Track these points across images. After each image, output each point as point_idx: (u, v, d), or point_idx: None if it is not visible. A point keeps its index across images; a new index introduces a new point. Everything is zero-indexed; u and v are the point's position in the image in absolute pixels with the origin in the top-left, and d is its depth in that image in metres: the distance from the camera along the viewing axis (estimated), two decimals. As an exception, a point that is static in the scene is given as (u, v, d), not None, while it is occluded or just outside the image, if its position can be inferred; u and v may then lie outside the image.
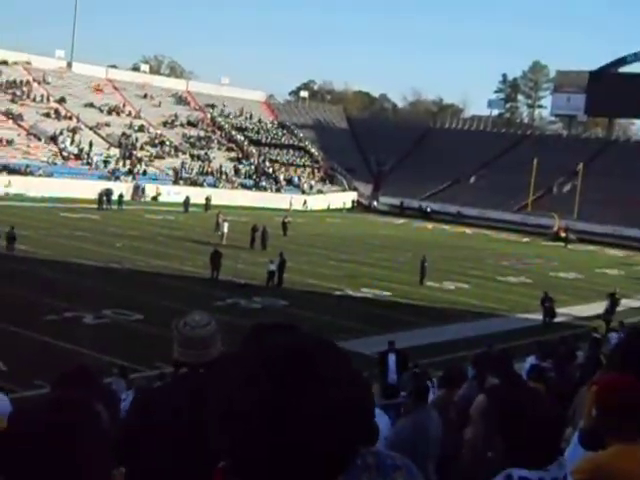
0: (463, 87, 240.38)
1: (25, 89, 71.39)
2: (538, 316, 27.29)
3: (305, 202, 69.30)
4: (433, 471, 6.40)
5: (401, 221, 66.79)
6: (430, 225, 65.00)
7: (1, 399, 5.38)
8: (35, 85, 73.23)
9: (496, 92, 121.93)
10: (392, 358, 16.37)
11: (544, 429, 1.98)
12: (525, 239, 60.50)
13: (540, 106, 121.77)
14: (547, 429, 1.98)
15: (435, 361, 18.50)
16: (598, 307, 28.56)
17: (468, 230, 63.26)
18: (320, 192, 75.05)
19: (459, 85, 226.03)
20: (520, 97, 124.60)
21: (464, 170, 78.84)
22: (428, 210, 72.22)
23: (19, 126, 64.50)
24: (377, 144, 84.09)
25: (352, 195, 77.47)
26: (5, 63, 73.86)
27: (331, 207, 71.43)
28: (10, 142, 60.01)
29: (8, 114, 65.25)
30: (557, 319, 27.09)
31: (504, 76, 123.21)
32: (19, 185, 52.88)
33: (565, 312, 28.51)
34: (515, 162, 75.67)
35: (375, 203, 77.18)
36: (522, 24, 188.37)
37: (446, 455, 6.35)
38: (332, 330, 22.13)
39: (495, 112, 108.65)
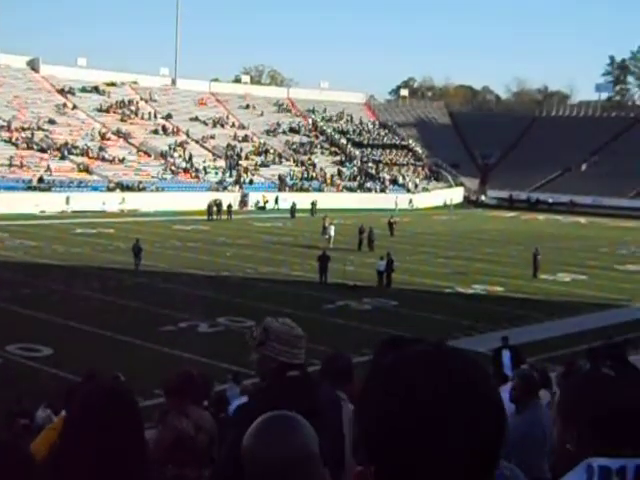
0: (569, 73, 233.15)
1: (133, 108, 73.97)
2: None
3: (411, 201, 68.83)
4: (547, 469, 6.15)
5: (511, 214, 65.40)
6: (541, 216, 63.36)
7: None
8: (142, 103, 75.75)
9: (604, 75, 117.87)
10: (506, 354, 15.93)
11: (624, 418, 1.81)
12: (644, 225, 58.08)
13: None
14: (628, 419, 1.82)
15: (552, 356, 17.96)
16: None
17: (582, 219, 61.31)
18: (425, 190, 74.37)
19: (564, 71, 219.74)
20: (630, 79, 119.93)
21: (574, 158, 76.46)
22: (535, 200, 70.46)
23: (129, 144, 66.85)
24: (481, 137, 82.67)
25: (458, 191, 76.39)
26: (114, 84, 76.75)
27: (438, 204, 70.65)
28: (122, 160, 62.25)
29: (119, 133, 67.74)
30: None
31: (611, 58, 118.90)
32: (133, 201, 54.82)
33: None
34: (628, 146, 72.88)
35: (483, 197, 75.89)
36: (628, 3, 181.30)
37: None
38: (445, 328, 21.87)
39: (604, 96, 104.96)
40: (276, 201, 60.95)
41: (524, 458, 5.94)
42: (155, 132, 70.74)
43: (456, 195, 74.69)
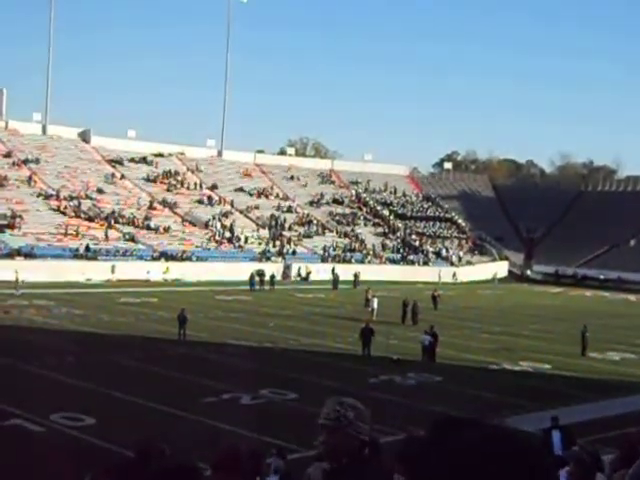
0: (615, 147, 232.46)
1: (179, 178, 75.33)
2: None
3: (454, 274, 68.35)
4: None
5: (557, 289, 64.52)
6: (589, 292, 62.38)
7: None
8: (189, 174, 77.15)
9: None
10: (556, 435, 15.44)
11: None
12: (694, 303, 56.79)
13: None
14: None
15: (603, 437, 17.36)
16: None
17: (631, 297, 60.18)
18: (469, 263, 73.89)
19: (611, 145, 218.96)
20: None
21: (622, 234, 75.53)
22: (580, 277, 69.58)
23: (175, 213, 67.86)
24: (526, 211, 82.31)
25: (503, 265, 75.72)
26: (161, 155, 78.41)
27: (482, 278, 70.03)
28: (167, 229, 63.11)
29: (164, 203, 68.85)
30: None
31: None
32: (176, 270, 55.31)
33: None
34: (677, 222, 71.83)
35: (528, 272, 75.10)
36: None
37: None
38: (491, 406, 21.35)
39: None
40: (307, 275, 60.88)
41: None
42: (200, 202, 71.78)
43: (501, 269, 74.04)
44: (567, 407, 21.55)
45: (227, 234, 65.74)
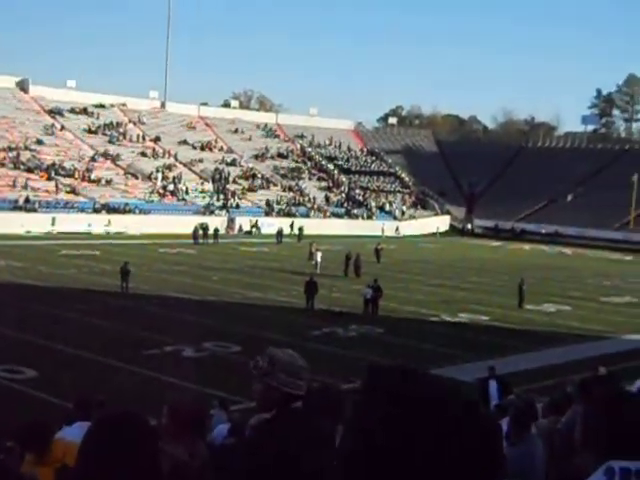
0: (555, 105, 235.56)
1: (121, 130, 74.03)
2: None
3: (397, 228, 69.04)
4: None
5: (496, 243, 65.71)
6: (527, 246, 63.67)
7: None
8: (131, 126, 75.86)
9: (590, 108, 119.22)
10: (493, 385, 15.91)
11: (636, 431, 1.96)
12: (628, 257, 58.47)
13: (637, 120, 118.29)
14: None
15: (538, 387, 17.94)
16: None
17: (567, 250, 61.67)
18: (412, 217, 74.67)
19: (551, 103, 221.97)
20: (616, 112, 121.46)
21: (560, 189, 77.06)
22: (519, 231, 71.03)
23: (117, 166, 66.81)
24: (468, 166, 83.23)
25: (445, 219, 76.71)
26: (102, 106, 76.84)
27: (424, 232, 70.88)
28: (109, 182, 62.17)
29: (106, 155, 67.69)
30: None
31: (598, 91, 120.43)
32: (118, 223, 54.68)
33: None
34: (614, 178, 73.50)
35: (469, 226, 76.24)
36: (615, 37, 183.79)
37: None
38: (430, 357, 21.85)
39: (590, 128, 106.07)
40: (256, 226, 60.92)
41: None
42: (143, 154, 70.77)
43: (442, 223, 75.02)
44: (504, 358, 22.16)
45: (170, 187, 65.08)
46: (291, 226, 59.26)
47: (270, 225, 60.30)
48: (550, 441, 8.32)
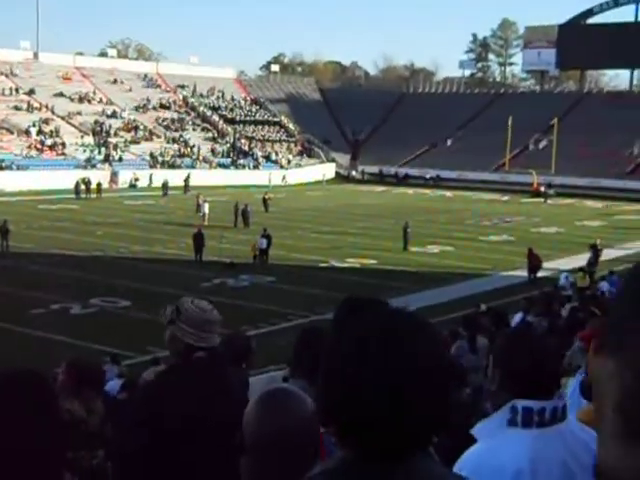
0: (434, 50, 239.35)
1: (-8, 83, 70.55)
2: (523, 272, 27.51)
3: (284, 177, 69.16)
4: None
5: (381, 189, 66.89)
6: (410, 191, 65.12)
7: None
8: (2, 78, 72.36)
9: (467, 52, 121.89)
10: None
11: (542, 361, 2.17)
12: (505, 198, 60.77)
13: (511, 64, 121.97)
14: (545, 361, 2.18)
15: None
16: (581, 259, 28.84)
17: (448, 193, 63.46)
18: (298, 166, 74.92)
19: (430, 48, 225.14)
20: (491, 56, 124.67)
21: (440, 133, 78.93)
22: (402, 176, 72.60)
23: (-10, 121, 63.79)
24: (351, 113, 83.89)
25: (331, 167, 77.34)
26: (-31, 58, 72.89)
27: (310, 180, 71.34)
28: (-18, 138, 59.39)
29: (-23, 110, 64.51)
30: (542, 273, 27.28)
31: (474, 36, 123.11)
32: (-5, 181, 52.44)
33: (549, 267, 28.72)
34: (490, 122, 75.80)
35: (354, 173, 77.19)
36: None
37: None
38: (321, 302, 22.30)
39: (467, 73, 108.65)
40: (135, 182, 59.59)
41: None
42: (17, 108, 67.77)
43: (328, 171, 75.62)
44: (392, 299, 22.68)
45: (49, 142, 62.78)
46: (186, 180, 57.70)
47: (153, 178, 59.06)
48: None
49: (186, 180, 57.23)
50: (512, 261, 29.78)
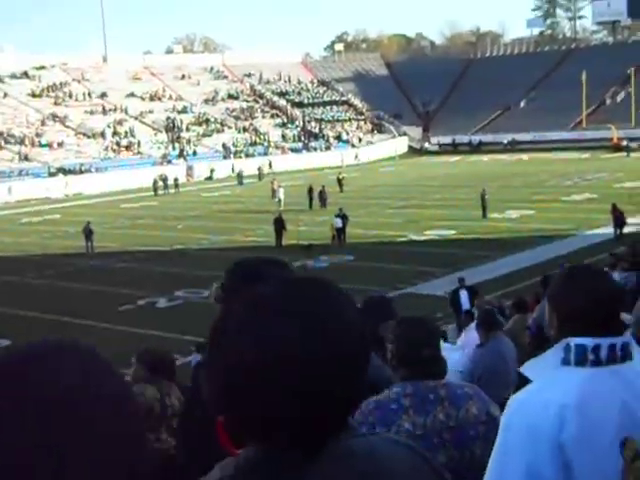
0: (499, 12, 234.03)
1: (66, 90, 72.44)
2: (608, 230, 26.72)
3: (356, 156, 68.93)
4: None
5: (455, 158, 65.99)
6: (485, 158, 64.05)
7: None
8: (75, 84, 74.24)
9: (534, 10, 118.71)
10: (464, 294, 16.29)
11: (597, 298, 2.06)
12: (585, 155, 59.13)
13: (581, 17, 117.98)
14: (601, 298, 2.07)
15: (508, 292, 18.34)
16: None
17: (524, 156, 62.14)
18: (370, 143, 74.54)
19: (495, 10, 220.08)
20: (559, 11, 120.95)
21: (512, 96, 77.24)
22: (476, 143, 71.43)
23: (67, 127, 65.61)
24: (420, 85, 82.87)
25: (403, 141, 76.67)
26: (43, 67, 74.97)
27: (383, 157, 70.88)
28: (61, 144, 61.14)
29: (54, 117, 66.38)
30: (628, 229, 26.43)
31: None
32: (76, 185, 53.95)
33: (636, 222, 27.78)
34: (564, 79, 73.74)
35: (427, 145, 76.35)
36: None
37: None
38: (402, 277, 22.19)
39: (536, 31, 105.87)
40: (211, 174, 60.24)
41: (488, 390, 6.14)
42: (91, 112, 69.50)
43: (400, 145, 75.01)
44: (474, 268, 22.56)
45: (124, 142, 64.19)
46: (270, 165, 59.24)
47: (226, 168, 59.80)
48: (520, 338, 8.57)
49: (259, 168, 57.56)
50: (596, 219, 28.96)
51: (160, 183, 51.38)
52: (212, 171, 60.83)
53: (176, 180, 52.64)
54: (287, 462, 1.12)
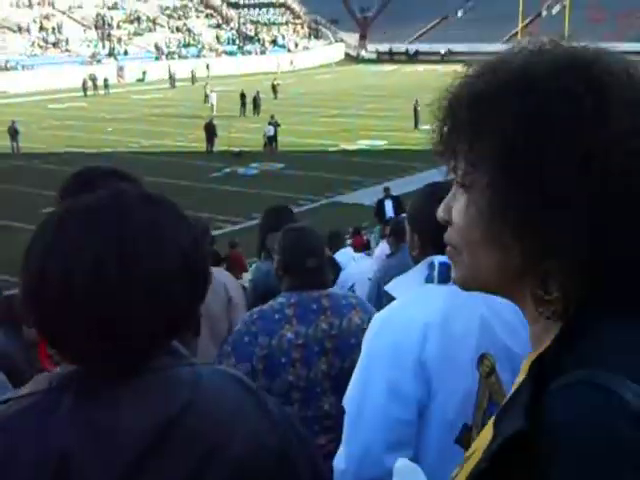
0: None
1: (-11, -19, 68.87)
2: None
3: (292, 61, 67.91)
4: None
5: (391, 67, 65.62)
6: (421, 68, 63.83)
7: None
8: (-1, -25, 70.57)
9: None
10: (389, 204, 16.59)
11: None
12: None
13: None
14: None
15: (434, 203, 18.67)
16: None
17: (460, 68, 61.99)
18: (306, 49, 73.41)
19: None
20: None
21: (451, 4, 76.64)
22: (413, 52, 71.01)
23: (-10, 21, 62.72)
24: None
25: (339, 47, 75.69)
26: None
27: (319, 64, 70.00)
28: (-16, 39, 58.55)
29: (-24, 10, 63.32)
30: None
31: None
32: (0, 82, 51.94)
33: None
34: (502, -10, 73.31)
35: (363, 52, 75.58)
36: None
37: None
38: (331, 186, 22.39)
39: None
40: (143, 75, 58.73)
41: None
42: (17, 6, 66.38)
43: (337, 52, 74.09)
44: (401, 179, 22.87)
45: (52, 38, 61.75)
46: (207, 68, 58.01)
47: (162, 68, 58.25)
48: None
49: (192, 71, 56.26)
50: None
51: (90, 83, 49.91)
52: (144, 73, 59.26)
53: (106, 81, 51.16)
54: (102, 380, 1.11)
